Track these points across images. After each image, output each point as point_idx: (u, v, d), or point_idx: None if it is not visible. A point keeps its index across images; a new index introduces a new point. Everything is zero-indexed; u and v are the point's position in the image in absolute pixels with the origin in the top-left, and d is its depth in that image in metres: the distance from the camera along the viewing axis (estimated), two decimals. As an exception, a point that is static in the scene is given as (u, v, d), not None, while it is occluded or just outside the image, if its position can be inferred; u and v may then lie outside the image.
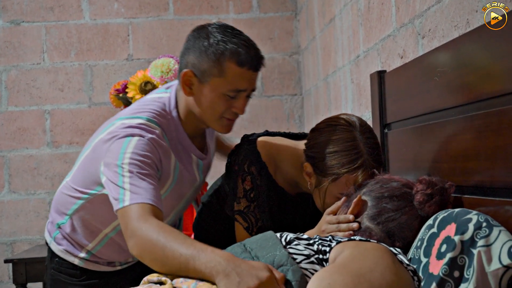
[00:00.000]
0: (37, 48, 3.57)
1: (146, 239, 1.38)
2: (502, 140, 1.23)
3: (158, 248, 1.35)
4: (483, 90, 1.31)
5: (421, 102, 1.64)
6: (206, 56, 1.58)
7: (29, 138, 3.55)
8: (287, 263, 1.24)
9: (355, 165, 1.54)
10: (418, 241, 1.37)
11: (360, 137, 1.57)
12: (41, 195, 3.53)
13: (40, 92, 3.57)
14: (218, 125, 1.66)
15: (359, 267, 1.17)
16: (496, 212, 1.25)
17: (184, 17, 3.63)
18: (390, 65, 2.04)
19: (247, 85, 1.62)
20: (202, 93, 1.62)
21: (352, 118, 1.61)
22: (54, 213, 1.83)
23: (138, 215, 1.43)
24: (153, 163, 1.56)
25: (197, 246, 1.31)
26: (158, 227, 1.40)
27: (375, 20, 2.19)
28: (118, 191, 1.49)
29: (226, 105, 1.62)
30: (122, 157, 1.53)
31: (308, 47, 3.45)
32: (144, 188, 1.48)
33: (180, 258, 1.31)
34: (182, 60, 1.65)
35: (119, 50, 3.60)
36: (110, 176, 1.53)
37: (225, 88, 1.59)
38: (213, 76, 1.58)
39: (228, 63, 1.57)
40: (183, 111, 1.69)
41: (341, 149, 1.56)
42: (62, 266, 1.82)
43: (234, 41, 1.59)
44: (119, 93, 2.78)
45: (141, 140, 1.56)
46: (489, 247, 1.17)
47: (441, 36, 1.62)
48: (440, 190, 1.41)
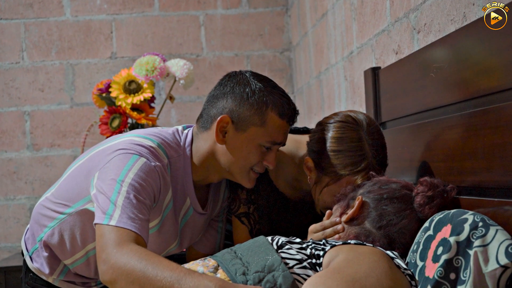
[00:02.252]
0: (15, 46, 3.54)
1: (124, 263, 1.32)
2: (499, 138, 1.23)
3: (137, 272, 1.29)
4: (480, 86, 1.30)
5: (416, 100, 1.64)
6: (248, 104, 1.58)
7: (8, 140, 3.52)
8: (278, 268, 1.22)
9: (358, 167, 1.53)
10: (415, 245, 1.37)
11: (367, 137, 1.55)
12: (21, 200, 3.50)
13: (19, 93, 3.54)
14: (246, 177, 1.64)
15: (354, 272, 1.15)
16: (495, 213, 1.25)
17: (170, 13, 3.62)
18: (385, 61, 2.04)
19: (283, 138, 1.63)
20: (237, 142, 1.60)
21: (359, 116, 1.60)
22: (34, 225, 1.76)
23: (121, 240, 1.37)
24: (152, 193, 1.52)
25: (183, 270, 1.27)
26: (140, 251, 1.34)
27: (369, 14, 2.19)
28: (108, 205, 1.43)
29: (259, 157, 1.61)
30: (124, 174, 1.48)
31: (300, 43, 3.47)
32: (136, 216, 1.43)
33: (162, 281, 1.25)
34: (217, 105, 1.62)
35: (102, 48, 3.59)
36: (103, 188, 1.47)
37: (263, 139, 1.59)
38: (252, 125, 1.58)
39: (270, 113, 1.58)
40: (201, 156, 1.65)
41: (345, 148, 1.55)
42: (36, 282, 1.77)
43: (275, 92, 1.61)
44: (102, 92, 2.76)
45: (147, 165, 1.52)
46: (485, 247, 1.17)
47: (437, 30, 1.62)
48: (441, 193, 1.41)
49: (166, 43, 3.58)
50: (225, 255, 1.32)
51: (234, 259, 1.28)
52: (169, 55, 3.46)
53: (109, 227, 1.40)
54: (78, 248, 1.69)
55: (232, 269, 1.25)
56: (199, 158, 1.64)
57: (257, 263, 1.25)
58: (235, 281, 1.22)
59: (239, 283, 1.21)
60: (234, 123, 1.58)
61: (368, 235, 1.41)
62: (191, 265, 1.34)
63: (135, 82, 2.64)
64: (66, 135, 3.51)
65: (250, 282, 1.20)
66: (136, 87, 2.64)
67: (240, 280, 1.21)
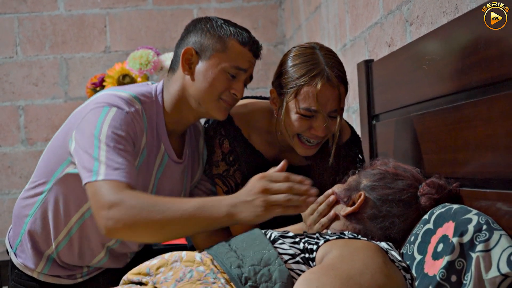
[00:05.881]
0: (9, 41, 3.53)
1: (133, 205, 1.40)
2: (491, 129, 1.23)
3: (152, 212, 1.39)
4: (472, 78, 1.30)
5: (409, 92, 1.64)
6: (209, 34, 1.63)
7: (2, 135, 3.51)
8: (274, 263, 1.21)
9: (312, 73, 1.57)
10: (412, 236, 1.36)
11: (320, 52, 1.62)
12: (15, 194, 3.48)
13: (13, 87, 3.53)
14: (216, 107, 1.65)
15: (349, 269, 1.14)
16: (487, 204, 1.26)
17: (164, 7, 3.62)
18: (378, 54, 2.04)
19: (247, 66, 1.65)
20: (202, 71, 1.63)
21: (313, 43, 1.68)
22: (16, 220, 1.76)
23: (115, 189, 1.43)
24: (130, 138, 1.55)
25: (196, 200, 1.42)
26: (141, 194, 1.44)
27: (362, 7, 2.19)
28: (92, 162, 1.47)
29: (225, 85, 1.63)
30: (99, 127, 1.51)
31: (294, 36, 3.46)
32: (121, 164, 1.47)
33: (183, 214, 1.37)
34: (181, 43, 1.67)
35: (95, 42, 3.59)
36: (83, 145, 1.51)
37: (227, 64, 1.61)
38: (215, 51, 1.62)
39: (231, 40, 1.62)
40: (173, 98, 1.67)
41: (300, 61, 1.61)
42: (21, 278, 1.76)
43: (237, 25, 1.67)
44: (96, 86, 2.77)
45: (119, 112, 1.55)
46: (488, 252, 1.16)
47: (429, 22, 1.62)
48: (447, 194, 1.40)
49: (160, 37, 3.58)
50: (220, 248, 1.31)
51: (229, 252, 1.27)
52: (163, 49, 3.43)
53: (99, 182, 1.44)
54: (61, 226, 1.69)
55: (227, 262, 1.23)
56: (171, 101, 1.67)
57: (253, 256, 1.24)
58: (230, 274, 1.21)
59: (234, 276, 1.20)
60: (198, 54, 1.63)
61: (368, 234, 1.39)
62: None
63: (129, 76, 2.65)
64: (60, 129, 3.52)
65: (246, 275, 1.20)
66: (130, 81, 2.65)
67: (235, 273, 1.21)
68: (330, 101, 1.58)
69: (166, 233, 1.41)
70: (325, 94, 1.57)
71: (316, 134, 1.61)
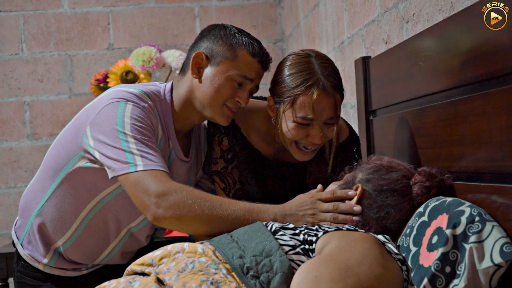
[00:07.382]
0: (15, 38, 3.53)
1: (184, 196, 1.43)
2: (486, 124, 1.23)
3: (203, 206, 1.42)
4: (467, 74, 1.30)
5: (406, 88, 1.64)
6: (222, 41, 1.65)
7: (8, 130, 3.51)
8: (276, 253, 1.21)
9: (308, 83, 1.58)
10: (408, 229, 1.36)
11: (316, 61, 1.62)
12: (21, 188, 3.49)
13: (19, 83, 3.53)
14: (220, 112, 1.67)
15: (347, 259, 1.14)
16: (481, 198, 1.26)
17: (166, 5, 3.61)
18: (375, 51, 2.04)
19: (254, 76, 1.66)
20: (210, 76, 1.65)
21: (309, 51, 1.68)
22: (23, 212, 1.77)
23: (159, 179, 1.44)
24: (152, 131, 1.57)
25: (244, 203, 1.47)
26: (187, 187, 1.46)
27: (359, 5, 2.19)
28: (124, 155, 1.47)
29: (231, 92, 1.65)
30: (121, 121, 1.52)
31: (293, 34, 3.45)
32: (153, 155, 1.49)
33: (232, 214, 1.43)
34: (194, 47, 1.69)
35: (99, 39, 3.58)
36: (106, 140, 1.51)
37: (234, 72, 1.63)
38: (225, 58, 1.64)
39: (241, 50, 1.64)
40: (181, 98, 1.69)
41: (296, 71, 1.61)
42: (27, 269, 1.77)
43: (250, 36, 1.68)
44: (100, 83, 2.77)
45: (136, 106, 1.57)
46: (481, 243, 1.16)
47: (425, 20, 1.62)
48: (438, 182, 1.41)
49: (162, 34, 3.58)
50: (222, 239, 1.31)
51: (231, 243, 1.28)
52: (165, 46, 3.46)
53: (139, 173, 1.45)
54: (71, 219, 1.68)
55: (229, 253, 1.24)
56: (179, 101, 1.69)
57: (255, 247, 1.24)
58: (232, 264, 1.21)
59: (236, 266, 1.21)
60: (208, 59, 1.65)
61: (365, 224, 1.41)
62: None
63: (132, 73, 2.65)
64: (65, 124, 3.44)
65: (247, 265, 1.20)
66: (133, 77, 2.65)
67: (237, 263, 1.21)
68: (326, 109, 1.60)
69: (211, 228, 1.43)
70: (321, 103, 1.58)
71: (313, 141, 1.63)
